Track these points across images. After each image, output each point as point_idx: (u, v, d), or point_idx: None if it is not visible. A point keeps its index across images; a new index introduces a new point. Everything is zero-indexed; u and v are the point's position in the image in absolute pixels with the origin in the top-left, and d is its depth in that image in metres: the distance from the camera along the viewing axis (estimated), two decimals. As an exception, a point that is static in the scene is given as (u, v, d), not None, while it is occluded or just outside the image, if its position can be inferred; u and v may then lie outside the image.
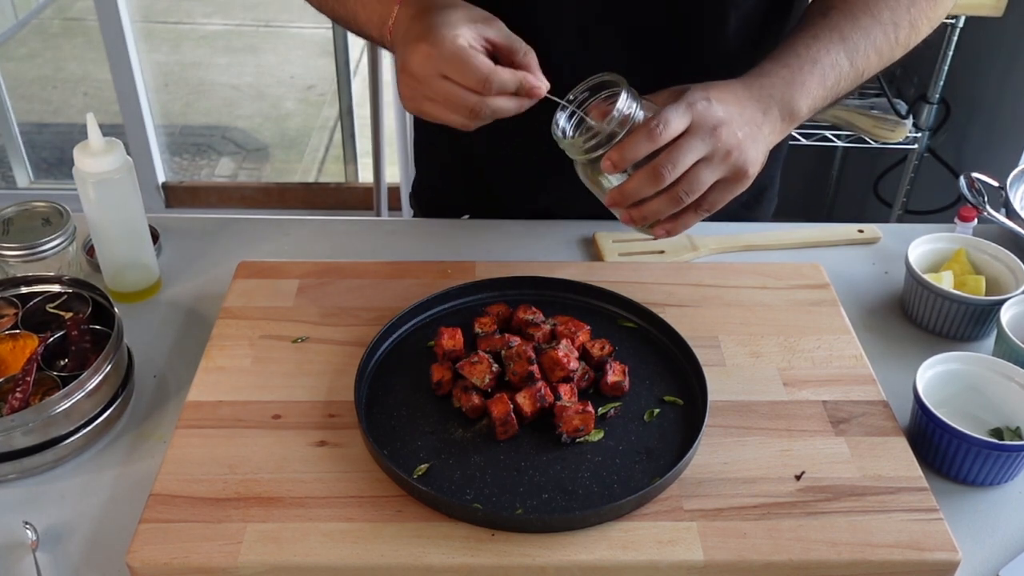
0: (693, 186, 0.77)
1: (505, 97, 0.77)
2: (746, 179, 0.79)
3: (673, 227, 0.81)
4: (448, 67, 0.75)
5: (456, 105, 0.77)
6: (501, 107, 0.77)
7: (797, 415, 0.80)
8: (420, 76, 0.76)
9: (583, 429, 0.75)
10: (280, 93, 3.53)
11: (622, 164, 0.76)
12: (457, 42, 0.75)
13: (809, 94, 0.84)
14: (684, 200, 0.77)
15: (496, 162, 1.11)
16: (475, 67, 0.75)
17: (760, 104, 0.81)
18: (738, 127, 0.77)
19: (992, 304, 0.91)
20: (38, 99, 3.38)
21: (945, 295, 0.92)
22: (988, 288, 0.95)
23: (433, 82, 0.76)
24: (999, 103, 2.13)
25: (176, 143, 3.18)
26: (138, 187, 0.92)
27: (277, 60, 3.77)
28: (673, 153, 0.75)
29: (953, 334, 0.94)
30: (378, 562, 0.67)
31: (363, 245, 1.06)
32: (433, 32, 0.76)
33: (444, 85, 0.76)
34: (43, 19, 3.99)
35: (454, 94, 0.76)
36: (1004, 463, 0.76)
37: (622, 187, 0.78)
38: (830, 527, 0.70)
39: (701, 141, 0.76)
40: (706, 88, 0.78)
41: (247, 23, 4.06)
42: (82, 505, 0.75)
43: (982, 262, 0.97)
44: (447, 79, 0.76)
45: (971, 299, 0.91)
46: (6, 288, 0.88)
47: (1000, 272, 0.96)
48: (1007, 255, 0.96)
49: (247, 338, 0.86)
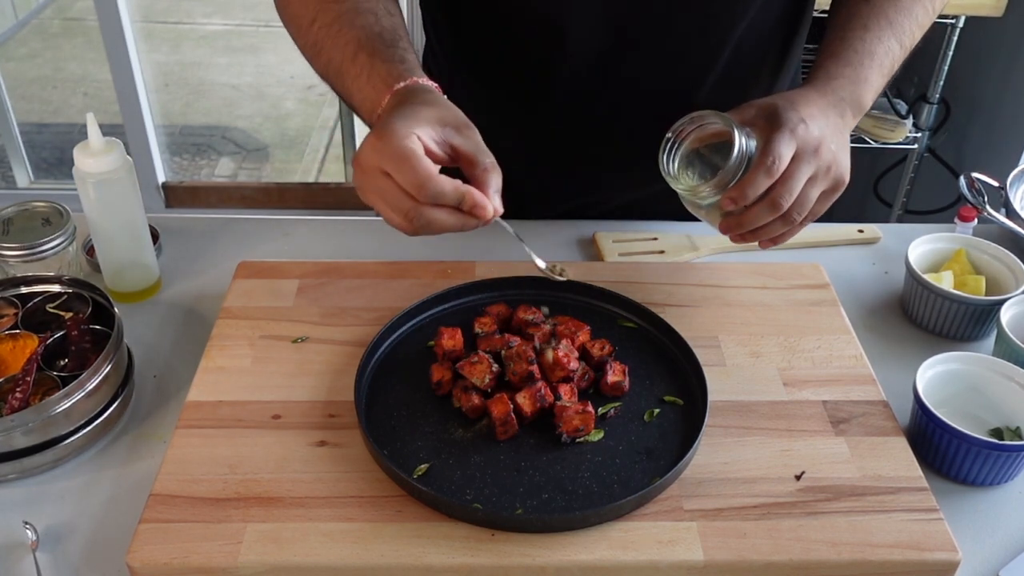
0: (804, 206, 0.80)
1: (444, 210, 0.71)
2: (843, 185, 0.82)
3: (781, 239, 0.83)
4: (389, 163, 0.70)
5: (392, 205, 0.72)
6: (436, 219, 0.71)
7: (797, 415, 0.80)
8: (365, 167, 0.72)
9: (583, 429, 0.75)
10: (280, 93, 3.53)
11: (743, 202, 0.78)
12: (405, 141, 0.70)
13: (872, 87, 0.87)
14: (796, 219, 0.80)
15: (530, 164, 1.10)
16: (413, 168, 0.69)
17: (837, 109, 0.84)
18: (831, 140, 0.80)
19: (992, 304, 0.91)
20: (38, 99, 3.39)
21: (945, 295, 0.92)
22: (988, 288, 0.95)
23: (375, 176, 0.72)
24: (999, 103, 2.13)
25: (176, 143, 3.18)
26: (138, 187, 0.92)
27: (277, 60, 3.77)
28: (788, 183, 0.78)
29: (953, 334, 0.94)
30: (378, 562, 0.67)
31: (363, 245, 1.06)
32: (390, 126, 0.71)
33: (383, 182, 0.71)
34: (43, 19, 3.99)
35: (391, 193, 0.71)
36: (1004, 463, 0.76)
37: (740, 218, 0.80)
38: (830, 527, 0.70)
39: (807, 164, 0.78)
40: (793, 105, 0.80)
41: (247, 23, 4.06)
42: (82, 505, 0.75)
43: (982, 262, 0.97)
44: (387, 176, 0.71)
45: (971, 299, 0.91)
46: (6, 288, 0.88)
47: (1000, 272, 0.96)
48: (1007, 255, 0.96)
49: (247, 338, 0.86)
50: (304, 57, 0.91)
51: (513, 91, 1.04)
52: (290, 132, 3.31)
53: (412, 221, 0.72)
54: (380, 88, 0.79)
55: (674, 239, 1.07)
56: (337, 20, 0.86)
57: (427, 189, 0.70)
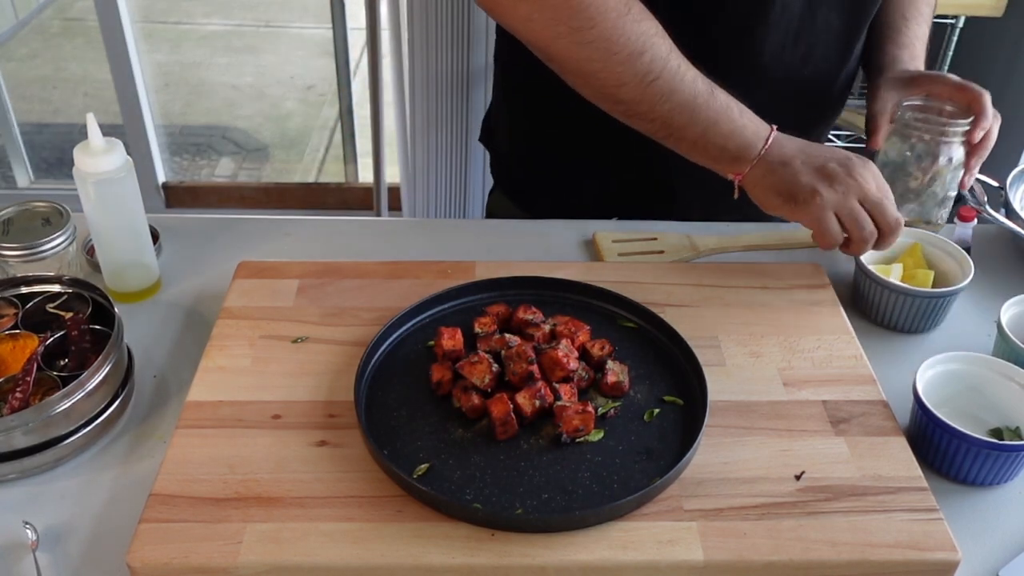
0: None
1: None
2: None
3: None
4: (879, 192, 0.89)
5: (858, 223, 0.88)
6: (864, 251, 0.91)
7: (797, 415, 0.80)
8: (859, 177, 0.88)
9: (583, 429, 0.75)
10: (280, 93, 3.53)
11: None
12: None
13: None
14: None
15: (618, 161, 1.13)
16: (892, 206, 0.89)
17: None
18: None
19: (932, 296, 0.92)
20: (38, 99, 3.38)
21: (890, 287, 0.93)
22: (937, 282, 0.96)
23: (873, 189, 0.89)
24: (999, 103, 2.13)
25: (176, 143, 3.18)
26: (138, 187, 0.92)
27: (277, 60, 3.77)
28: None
29: (897, 326, 0.95)
30: (378, 562, 0.67)
31: (363, 245, 1.06)
32: (861, 160, 0.90)
33: (857, 206, 0.88)
34: (43, 19, 3.99)
35: (861, 216, 0.88)
36: (1004, 463, 0.76)
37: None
38: (830, 527, 0.70)
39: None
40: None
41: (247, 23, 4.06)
42: (82, 505, 0.75)
43: (935, 257, 0.99)
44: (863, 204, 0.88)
45: (914, 291, 0.92)
46: (6, 288, 0.88)
47: (950, 267, 0.97)
48: (957, 250, 0.97)
49: (247, 338, 0.86)
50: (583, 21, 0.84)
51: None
52: (290, 132, 3.31)
53: (892, 233, 0.89)
54: (758, 132, 0.89)
55: (674, 239, 1.07)
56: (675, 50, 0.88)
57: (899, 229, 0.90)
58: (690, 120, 0.88)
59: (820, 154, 0.90)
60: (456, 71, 2.06)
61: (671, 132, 0.89)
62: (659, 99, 0.87)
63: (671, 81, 0.87)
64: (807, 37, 1.00)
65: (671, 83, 0.87)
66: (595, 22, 0.83)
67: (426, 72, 2.06)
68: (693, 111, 0.87)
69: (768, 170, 0.89)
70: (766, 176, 0.90)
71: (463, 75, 2.07)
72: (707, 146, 0.89)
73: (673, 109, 0.88)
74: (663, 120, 0.89)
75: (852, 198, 0.88)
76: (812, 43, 1.01)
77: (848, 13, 1.01)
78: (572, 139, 1.12)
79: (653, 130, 0.90)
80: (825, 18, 0.99)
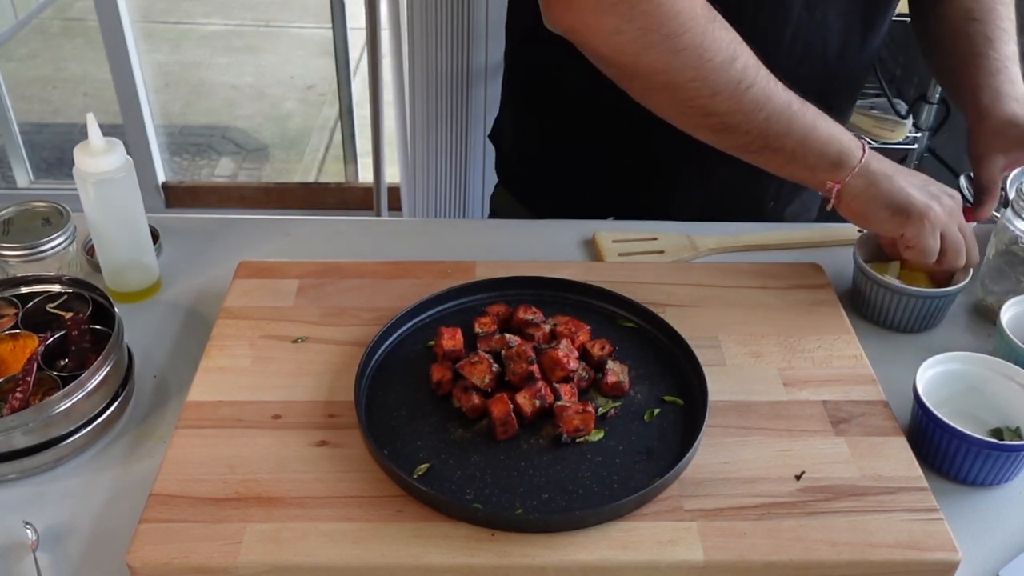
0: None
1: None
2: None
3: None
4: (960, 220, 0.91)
5: (955, 250, 0.90)
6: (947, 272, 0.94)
7: (797, 415, 0.80)
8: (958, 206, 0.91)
9: (583, 429, 0.75)
10: (280, 93, 3.53)
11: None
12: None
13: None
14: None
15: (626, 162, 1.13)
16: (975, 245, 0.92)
17: None
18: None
19: (931, 296, 0.92)
20: (38, 99, 3.38)
21: (888, 286, 0.93)
22: (938, 281, 0.96)
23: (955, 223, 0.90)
24: (999, 103, 2.13)
25: (176, 143, 3.18)
26: (138, 187, 0.92)
27: (277, 60, 3.77)
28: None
29: (896, 326, 0.95)
30: (378, 562, 0.67)
31: (363, 245, 1.06)
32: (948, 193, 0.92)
33: (958, 232, 0.90)
34: (43, 19, 3.99)
35: (960, 244, 0.90)
36: (1004, 463, 0.76)
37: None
38: (830, 527, 0.70)
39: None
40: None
41: (247, 23, 4.06)
42: (82, 505, 0.75)
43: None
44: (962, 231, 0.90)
45: (913, 291, 0.92)
46: (6, 288, 0.88)
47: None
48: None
49: (247, 338, 0.86)
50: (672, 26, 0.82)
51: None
52: (290, 132, 3.31)
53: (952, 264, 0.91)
54: (853, 140, 0.89)
55: (674, 239, 1.07)
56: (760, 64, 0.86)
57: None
58: (788, 128, 0.86)
59: (917, 175, 0.91)
60: (456, 71, 2.06)
61: (768, 143, 0.87)
62: (755, 107, 0.85)
63: (766, 88, 0.84)
64: (805, 36, 1.00)
65: (766, 90, 0.84)
66: (687, 28, 0.81)
67: (426, 72, 2.06)
68: (790, 119, 0.85)
69: (871, 181, 0.88)
70: (870, 187, 0.88)
71: (463, 75, 2.07)
72: (806, 154, 0.87)
73: (770, 117, 0.85)
74: (760, 130, 0.86)
75: (955, 223, 0.90)
76: (810, 41, 1.00)
77: (848, 14, 1.01)
78: (576, 136, 1.12)
79: (747, 143, 0.87)
80: (823, 17, 0.99)
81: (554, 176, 1.19)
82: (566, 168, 1.16)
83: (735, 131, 0.86)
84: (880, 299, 0.94)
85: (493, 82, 2.08)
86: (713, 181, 1.07)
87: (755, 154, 0.89)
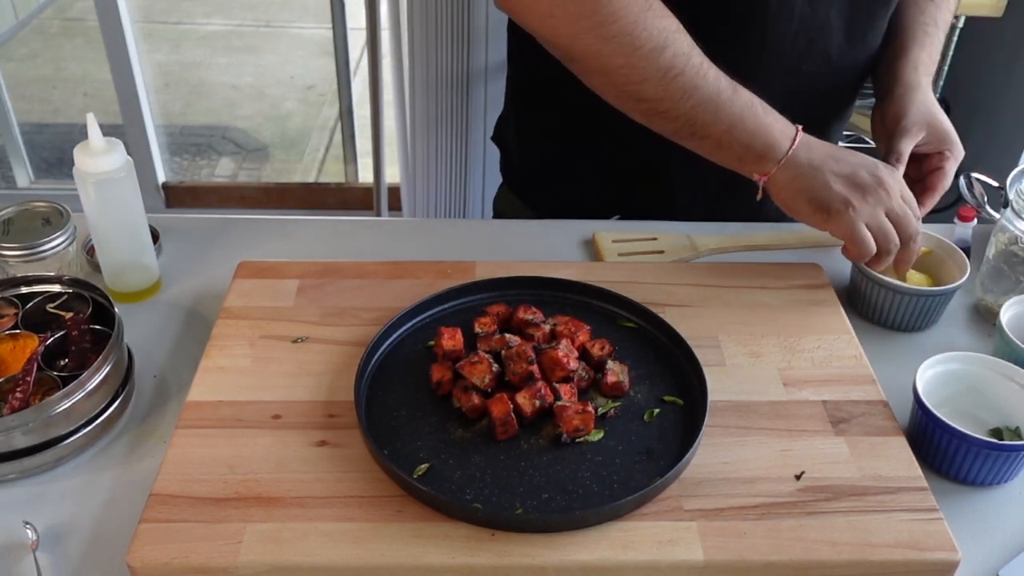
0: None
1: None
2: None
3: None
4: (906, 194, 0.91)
5: (885, 241, 0.88)
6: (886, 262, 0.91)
7: (797, 415, 0.80)
8: (889, 188, 0.89)
9: (583, 429, 0.75)
10: (280, 93, 3.53)
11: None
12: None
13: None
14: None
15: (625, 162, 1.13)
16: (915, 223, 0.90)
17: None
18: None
19: (929, 295, 0.92)
20: (38, 99, 3.38)
21: (885, 285, 0.93)
22: (936, 281, 0.97)
23: (898, 199, 0.89)
24: (999, 103, 2.13)
25: (176, 143, 3.18)
26: (138, 187, 0.92)
27: (277, 60, 3.77)
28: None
29: (893, 324, 0.95)
30: (378, 562, 0.67)
31: (363, 245, 1.06)
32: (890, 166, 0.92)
33: (886, 220, 0.88)
34: (43, 19, 3.99)
35: (891, 234, 0.88)
36: (1004, 463, 0.76)
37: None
38: (830, 527, 0.70)
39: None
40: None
41: (247, 23, 4.06)
42: (82, 505, 0.75)
43: (933, 256, 0.99)
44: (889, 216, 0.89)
45: (910, 289, 0.92)
46: (6, 288, 0.88)
47: (948, 267, 0.97)
48: (953, 249, 0.97)
49: (247, 338, 0.86)
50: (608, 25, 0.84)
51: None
52: (290, 132, 3.31)
53: (912, 242, 0.90)
54: (784, 131, 0.89)
55: (674, 239, 1.07)
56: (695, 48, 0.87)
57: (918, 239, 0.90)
58: (714, 117, 0.87)
59: (849, 161, 0.89)
60: (456, 71, 2.06)
61: (695, 130, 0.89)
62: (682, 96, 0.86)
63: (694, 77, 0.86)
64: (807, 33, 1.00)
65: (694, 79, 0.86)
66: (618, 16, 0.83)
67: (426, 72, 2.06)
68: (717, 108, 0.87)
69: (796, 174, 0.89)
70: (795, 180, 0.89)
71: (463, 75, 2.07)
72: (732, 144, 0.88)
73: (696, 106, 0.87)
74: (686, 118, 0.88)
75: (882, 211, 0.88)
76: (813, 38, 1.00)
77: (849, 12, 1.01)
78: (576, 136, 1.12)
79: (676, 129, 0.89)
80: (825, 14, 0.99)
81: (555, 176, 1.19)
82: (567, 168, 1.17)
83: (664, 117, 0.89)
84: (878, 298, 0.94)
85: (493, 82, 2.08)
86: (712, 181, 1.07)
87: (686, 140, 0.90)
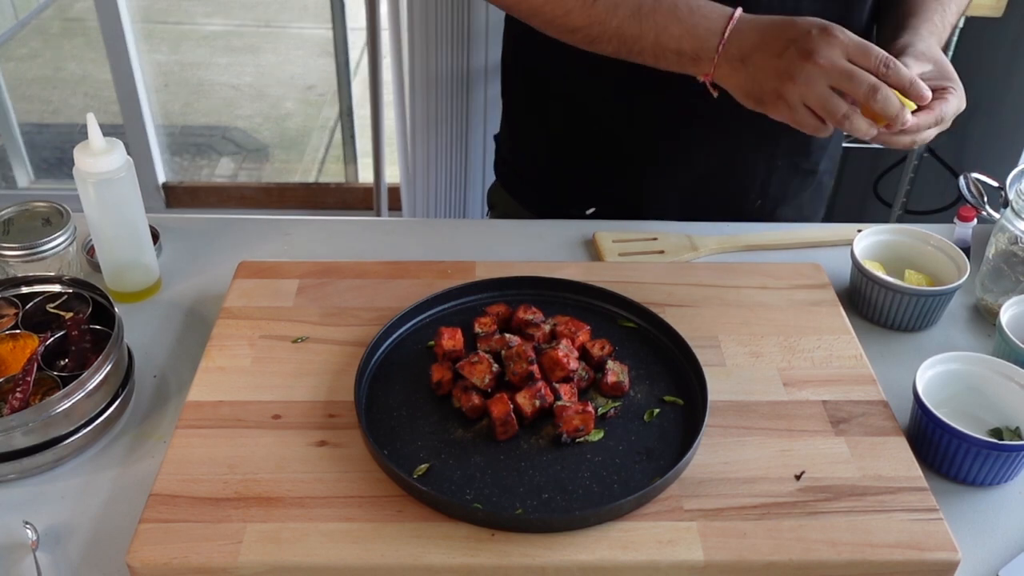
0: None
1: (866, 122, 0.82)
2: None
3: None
4: (856, 48, 0.81)
5: (855, 84, 0.80)
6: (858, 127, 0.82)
7: (797, 415, 0.80)
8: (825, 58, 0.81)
9: (583, 429, 0.75)
10: (280, 93, 3.52)
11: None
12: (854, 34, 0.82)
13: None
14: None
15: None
16: (877, 51, 0.81)
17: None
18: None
19: (928, 295, 0.92)
20: (38, 99, 3.38)
21: (885, 284, 0.93)
22: (936, 281, 0.97)
23: (838, 63, 0.81)
24: (999, 103, 2.13)
25: (176, 143, 3.18)
26: (138, 187, 0.93)
27: (277, 60, 3.77)
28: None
29: (893, 324, 0.95)
30: (378, 562, 0.67)
31: (363, 245, 1.07)
32: (825, 24, 0.83)
33: (846, 65, 0.81)
34: (43, 19, 3.99)
35: (857, 75, 0.80)
36: (1004, 463, 0.76)
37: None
38: (830, 527, 0.70)
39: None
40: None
41: (247, 23, 4.06)
42: (82, 505, 0.75)
43: (932, 256, 0.99)
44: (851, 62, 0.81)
45: (910, 289, 0.92)
46: (6, 288, 0.88)
47: (947, 266, 0.97)
48: (953, 248, 0.97)
49: (247, 338, 0.86)
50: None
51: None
52: (290, 132, 3.31)
53: (873, 99, 0.80)
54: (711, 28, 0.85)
55: (674, 239, 1.07)
56: None
57: (894, 67, 0.81)
58: (639, 30, 0.88)
59: (780, 38, 0.84)
60: (456, 71, 2.06)
61: (629, 48, 0.89)
62: (606, 17, 0.88)
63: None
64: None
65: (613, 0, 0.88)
66: None
67: (426, 72, 2.06)
68: (640, 20, 0.87)
69: (731, 69, 0.86)
70: (731, 76, 0.87)
71: (463, 75, 2.07)
72: (664, 52, 0.88)
73: (621, 24, 0.88)
74: (618, 38, 0.89)
75: (819, 83, 0.82)
76: None
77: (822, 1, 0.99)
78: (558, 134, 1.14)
79: (613, 50, 0.91)
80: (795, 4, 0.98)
81: (539, 170, 1.22)
82: (549, 162, 1.19)
83: (599, 42, 0.90)
84: (878, 298, 0.94)
85: (493, 82, 2.08)
86: (688, 177, 1.08)
87: (628, 59, 0.91)
